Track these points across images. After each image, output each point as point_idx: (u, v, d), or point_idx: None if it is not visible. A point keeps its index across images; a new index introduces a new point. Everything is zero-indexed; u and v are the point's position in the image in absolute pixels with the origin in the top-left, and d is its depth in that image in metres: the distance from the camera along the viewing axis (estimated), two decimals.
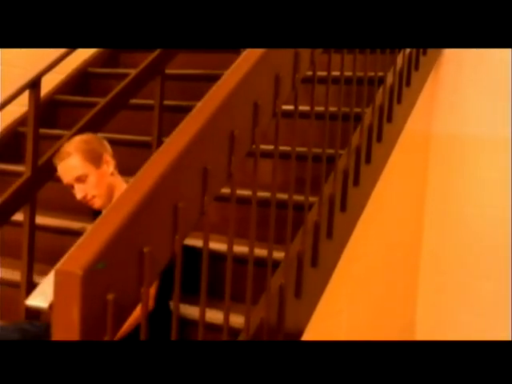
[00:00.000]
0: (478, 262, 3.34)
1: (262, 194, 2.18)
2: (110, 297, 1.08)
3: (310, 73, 1.83)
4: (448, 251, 3.43)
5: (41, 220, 2.28)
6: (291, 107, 1.75)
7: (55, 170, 2.15)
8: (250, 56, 1.56)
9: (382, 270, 3.05)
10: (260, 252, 1.96)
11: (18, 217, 2.15)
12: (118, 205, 1.17)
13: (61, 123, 3.19)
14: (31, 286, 2.12)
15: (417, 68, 3.02)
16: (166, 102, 2.76)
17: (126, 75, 3.34)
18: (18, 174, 2.60)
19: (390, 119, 2.67)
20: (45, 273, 2.19)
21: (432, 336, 3.37)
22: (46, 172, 2.08)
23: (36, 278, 2.14)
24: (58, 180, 1.94)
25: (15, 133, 2.93)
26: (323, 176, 1.99)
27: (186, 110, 3.13)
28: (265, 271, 1.69)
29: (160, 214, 1.22)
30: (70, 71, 3.42)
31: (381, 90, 2.56)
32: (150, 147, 2.74)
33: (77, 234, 2.35)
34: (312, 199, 1.99)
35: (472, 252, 3.36)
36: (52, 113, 3.12)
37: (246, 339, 1.62)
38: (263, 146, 2.61)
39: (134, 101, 2.73)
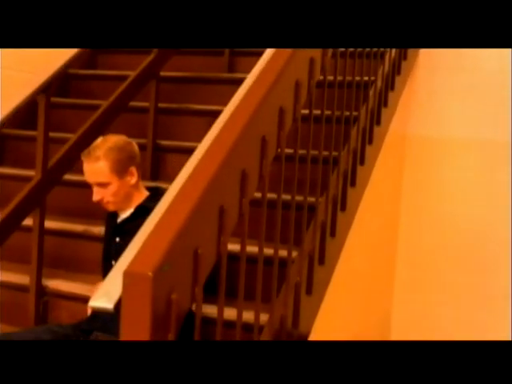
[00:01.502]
0: (452, 258, 3.48)
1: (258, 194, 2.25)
2: (174, 296, 1.13)
3: None
4: (423, 247, 3.56)
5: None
6: None
7: (61, 174, 2.16)
8: (274, 63, 1.62)
9: (360, 265, 3.13)
10: (268, 251, 2.03)
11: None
12: (175, 209, 1.21)
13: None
14: (41, 290, 2.13)
15: (399, 72, 3.13)
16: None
17: (105, 76, 3.36)
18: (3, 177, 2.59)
19: (378, 122, 2.77)
20: (47, 276, 2.19)
21: (407, 330, 3.49)
22: (55, 176, 2.09)
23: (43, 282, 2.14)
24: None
25: None
26: (330, 176, 2.07)
27: (177, 113, 3.17)
28: (272, 270, 1.74)
29: (208, 216, 1.27)
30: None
31: (371, 93, 2.66)
32: (143, 149, 2.75)
33: (79, 236, 2.37)
34: (310, 199, 2.05)
35: (446, 248, 3.50)
36: (33, 114, 3.09)
37: (264, 336, 1.67)
38: None
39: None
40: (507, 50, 3.25)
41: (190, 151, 2.93)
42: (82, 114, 2.79)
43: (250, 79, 1.76)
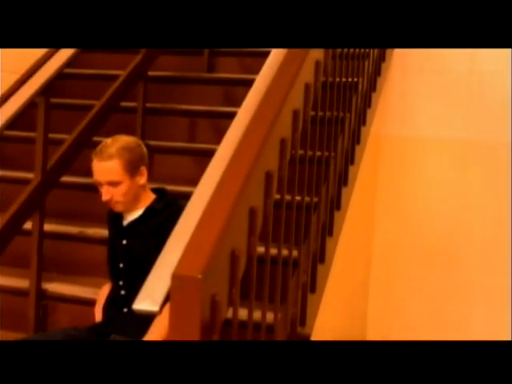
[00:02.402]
0: (425, 254, 3.56)
1: None
2: (219, 298, 1.14)
3: None
4: (397, 244, 3.63)
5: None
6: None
7: (59, 176, 2.13)
8: (289, 66, 1.65)
9: (335, 262, 3.18)
10: (272, 251, 2.05)
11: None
12: (213, 210, 1.22)
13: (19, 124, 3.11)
14: (40, 294, 2.10)
15: (379, 74, 3.20)
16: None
17: (86, 76, 3.31)
18: None
19: (364, 122, 2.83)
20: (43, 279, 2.16)
21: (383, 328, 3.56)
22: (53, 178, 2.05)
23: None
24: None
25: None
26: (329, 176, 2.11)
27: (161, 113, 3.14)
28: (277, 269, 1.76)
29: (240, 218, 1.29)
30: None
31: (359, 94, 2.71)
32: None
33: (74, 238, 2.34)
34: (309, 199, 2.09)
35: (420, 245, 3.58)
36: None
37: (278, 336, 1.70)
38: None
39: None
40: (477, 52, 3.34)
41: (177, 151, 2.94)
42: (65, 114, 2.76)
43: (262, 81, 1.78)
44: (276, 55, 1.81)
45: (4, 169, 2.59)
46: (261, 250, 1.47)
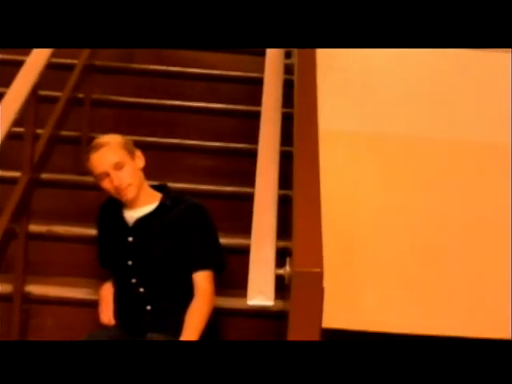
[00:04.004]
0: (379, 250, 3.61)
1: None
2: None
3: None
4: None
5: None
6: None
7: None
8: (308, 67, 1.74)
9: None
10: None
11: None
12: (307, 208, 1.30)
13: None
14: (24, 298, 1.99)
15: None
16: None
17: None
18: None
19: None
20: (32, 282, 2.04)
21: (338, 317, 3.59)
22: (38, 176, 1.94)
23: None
24: None
25: None
26: None
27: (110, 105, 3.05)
28: None
29: None
30: None
31: None
32: (77, 143, 2.63)
33: (42, 237, 2.23)
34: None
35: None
36: None
37: None
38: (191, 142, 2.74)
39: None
40: (398, 51, 3.53)
41: None
42: None
43: (271, 80, 1.85)
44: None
45: None
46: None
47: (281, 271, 1.27)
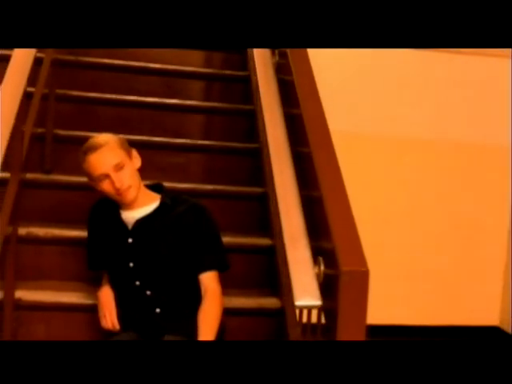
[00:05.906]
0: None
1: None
2: None
3: None
4: None
5: None
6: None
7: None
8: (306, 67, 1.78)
9: None
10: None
11: None
12: (340, 208, 1.34)
13: None
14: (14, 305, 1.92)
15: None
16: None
17: None
18: None
19: None
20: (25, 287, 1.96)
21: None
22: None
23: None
24: None
25: None
26: None
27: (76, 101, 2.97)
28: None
29: None
30: None
31: None
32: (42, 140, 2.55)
33: (21, 240, 2.15)
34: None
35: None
36: None
37: None
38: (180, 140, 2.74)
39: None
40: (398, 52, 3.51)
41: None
42: None
43: (265, 81, 1.87)
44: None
45: None
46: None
47: (315, 270, 1.32)
